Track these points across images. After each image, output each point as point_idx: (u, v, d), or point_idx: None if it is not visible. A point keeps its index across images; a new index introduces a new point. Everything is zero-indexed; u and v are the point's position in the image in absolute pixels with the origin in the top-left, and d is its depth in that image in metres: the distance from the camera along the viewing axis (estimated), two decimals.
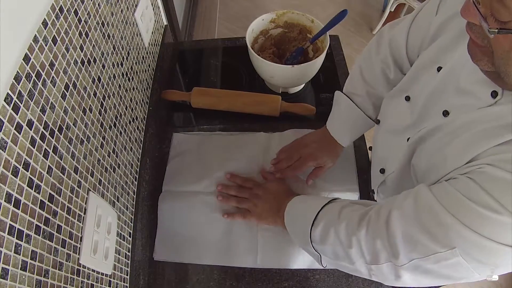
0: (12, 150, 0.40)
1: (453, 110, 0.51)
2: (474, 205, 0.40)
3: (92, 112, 0.60)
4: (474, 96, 0.48)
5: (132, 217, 0.76)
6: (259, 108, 0.96)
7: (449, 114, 0.51)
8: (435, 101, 0.56)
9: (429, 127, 0.54)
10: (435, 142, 0.53)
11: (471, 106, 0.48)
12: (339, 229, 0.56)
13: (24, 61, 0.43)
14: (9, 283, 0.38)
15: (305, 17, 0.99)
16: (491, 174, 0.41)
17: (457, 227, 0.41)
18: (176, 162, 0.90)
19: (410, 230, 0.46)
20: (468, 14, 0.39)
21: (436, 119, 0.53)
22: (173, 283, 0.77)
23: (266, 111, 0.96)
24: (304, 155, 0.81)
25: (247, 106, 0.96)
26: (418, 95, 0.60)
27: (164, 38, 1.08)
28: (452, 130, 0.50)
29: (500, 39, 0.37)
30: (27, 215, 0.42)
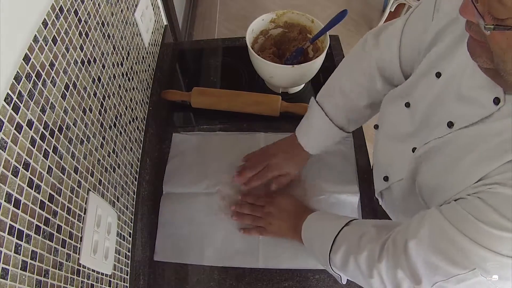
0: (12, 150, 0.40)
1: (457, 120, 0.50)
2: (488, 227, 0.41)
3: (92, 112, 0.60)
4: (476, 103, 0.47)
5: (132, 217, 0.76)
6: (259, 108, 0.96)
7: (454, 125, 0.51)
8: (437, 109, 0.55)
9: (435, 141, 0.53)
10: (442, 159, 0.52)
11: (474, 115, 0.47)
12: (359, 259, 0.57)
13: (24, 61, 0.43)
14: (9, 283, 0.38)
15: (305, 17, 0.99)
16: (503, 194, 0.41)
17: (474, 249, 0.42)
18: (176, 162, 0.90)
19: (429, 258, 0.47)
20: (466, 12, 0.39)
21: (441, 130, 0.53)
22: (173, 283, 0.77)
23: (266, 111, 0.96)
24: (270, 165, 0.81)
25: (247, 106, 0.96)
26: (419, 101, 0.60)
27: (164, 38, 1.08)
28: (459, 147, 0.49)
29: (496, 36, 0.37)
30: (27, 215, 0.42)
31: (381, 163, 0.72)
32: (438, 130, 0.53)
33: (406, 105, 0.63)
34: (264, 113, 0.96)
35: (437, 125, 0.54)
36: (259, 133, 0.94)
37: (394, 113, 0.67)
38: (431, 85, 0.56)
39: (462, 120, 0.50)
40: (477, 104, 0.47)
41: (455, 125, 0.50)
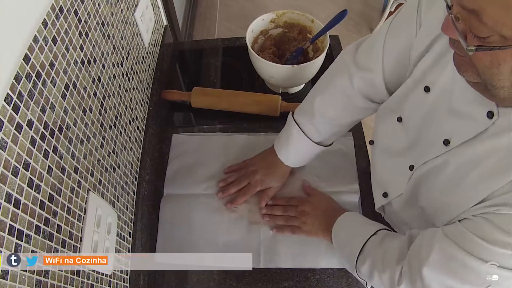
0: (12, 150, 0.40)
1: (452, 137, 0.50)
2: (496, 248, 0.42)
3: (92, 112, 0.60)
4: (469, 118, 0.47)
5: (132, 217, 0.76)
6: (259, 108, 0.96)
7: (450, 143, 0.50)
8: (430, 124, 0.55)
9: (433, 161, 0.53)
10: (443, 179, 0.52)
11: (469, 130, 0.47)
12: (382, 277, 0.58)
13: (24, 61, 0.43)
14: (9, 283, 0.38)
15: (305, 17, 0.99)
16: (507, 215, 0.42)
17: (485, 268, 0.43)
18: (176, 164, 0.90)
19: (444, 281, 0.48)
20: (448, 30, 0.39)
21: (437, 149, 0.52)
22: (173, 283, 0.77)
23: (266, 111, 0.96)
24: (253, 182, 0.82)
25: (247, 106, 0.96)
26: (410, 116, 0.59)
27: (164, 38, 1.08)
28: (459, 165, 0.49)
29: (479, 55, 0.37)
30: (27, 215, 0.42)
31: (378, 179, 0.72)
32: (435, 149, 0.53)
33: (398, 119, 0.62)
34: (264, 113, 0.96)
35: (432, 142, 0.54)
36: (259, 133, 0.94)
37: (387, 129, 0.67)
38: (421, 99, 0.56)
39: (457, 136, 0.49)
40: (471, 119, 0.47)
41: (451, 143, 0.50)
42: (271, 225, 0.80)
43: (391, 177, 0.67)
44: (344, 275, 0.76)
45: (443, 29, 0.40)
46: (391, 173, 0.67)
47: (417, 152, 0.58)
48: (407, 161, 0.60)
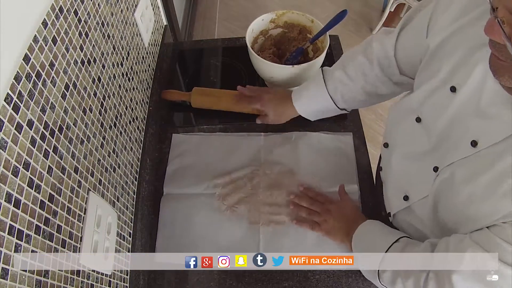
0: (12, 150, 0.40)
1: (480, 138, 0.49)
2: None
3: (92, 112, 0.60)
4: (499, 120, 0.47)
5: (132, 217, 0.76)
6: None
7: (478, 144, 0.50)
8: (456, 125, 0.54)
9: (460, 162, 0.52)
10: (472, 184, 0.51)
11: (498, 133, 0.47)
12: (406, 283, 0.58)
13: (24, 61, 0.43)
14: (9, 283, 0.38)
15: (305, 17, 0.99)
16: None
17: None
18: (176, 163, 0.90)
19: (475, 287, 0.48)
20: (492, 32, 0.39)
21: (464, 150, 0.51)
22: (173, 283, 0.77)
23: None
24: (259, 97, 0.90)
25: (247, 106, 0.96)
26: (432, 117, 0.58)
27: (164, 38, 1.08)
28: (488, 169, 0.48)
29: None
30: (27, 215, 0.42)
31: (398, 182, 0.70)
32: (461, 150, 0.52)
33: (416, 120, 0.62)
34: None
35: (458, 143, 0.53)
36: (259, 133, 0.94)
37: (405, 130, 0.66)
38: (446, 100, 0.55)
39: (485, 138, 0.49)
40: (500, 121, 0.47)
41: (479, 144, 0.49)
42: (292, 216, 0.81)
43: (413, 180, 0.65)
44: (344, 275, 0.76)
45: (486, 31, 0.40)
46: (413, 175, 0.65)
47: (441, 153, 0.57)
48: (430, 163, 0.59)
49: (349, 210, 0.79)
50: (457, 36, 0.53)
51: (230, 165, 0.88)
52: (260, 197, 0.84)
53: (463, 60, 0.52)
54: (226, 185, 0.86)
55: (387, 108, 0.80)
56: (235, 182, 0.86)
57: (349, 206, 0.80)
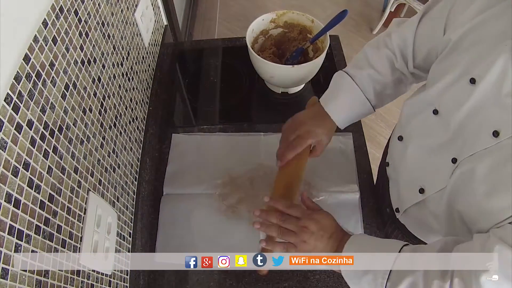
0: (12, 150, 0.40)
1: (502, 129, 0.49)
2: None
3: (92, 112, 0.60)
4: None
5: (132, 217, 0.76)
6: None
7: (499, 135, 0.49)
8: (475, 116, 0.54)
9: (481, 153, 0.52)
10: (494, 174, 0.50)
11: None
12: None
13: (24, 61, 0.43)
14: (9, 283, 0.38)
15: (305, 17, 0.99)
16: None
17: None
18: (176, 164, 0.90)
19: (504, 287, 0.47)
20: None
21: (485, 141, 0.51)
22: (173, 283, 0.77)
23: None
24: (301, 133, 0.74)
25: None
26: (451, 109, 0.58)
27: (164, 38, 1.08)
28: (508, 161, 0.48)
29: None
30: (27, 215, 0.42)
31: (413, 175, 0.68)
32: (482, 140, 0.51)
33: (434, 112, 0.61)
34: None
35: (478, 133, 0.52)
36: (258, 134, 0.94)
37: (421, 123, 0.66)
38: (466, 92, 0.54)
39: (507, 128, 0.48)
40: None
41: (501, 134, 0.49)
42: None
43: (430, 172, 0.64)
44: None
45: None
46: (429, 167, 0.64)
47: (460, 144, 0.56)
48: (448, 154, 0.58)
49: (330, 225, 0.65)
50: (480, 29, 0.53)
51: (230, 165, 0.88)
52: (260, 197, 0.84)
53: (485, 53, 0.52)
54: (226, 185, 0.86)
55: (387, 108, 0.80)
56: (235, 182, 0.86)
57: (330, 219, 0.66)
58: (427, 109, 0.63)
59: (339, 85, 0.77)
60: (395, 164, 0.75)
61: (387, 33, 0.75)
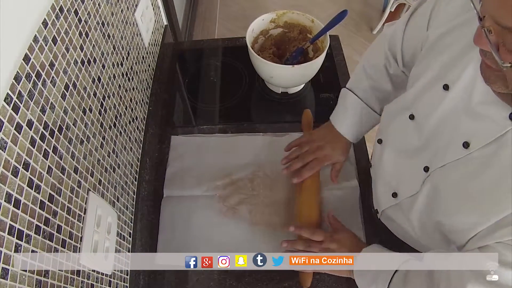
0: (12, 150, 0.40)
1: (472, 139, 0.49)
2: None
3: (92, 112, 0.60)
4: (489, 120, 0.46)
5: (132, 217, 0.76)
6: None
7: (469, 146, 0.49)
8: (447, 124, 0.54)
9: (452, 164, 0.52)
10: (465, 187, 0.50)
11: (489, 133, 0.46)
12: None
13: (24, 61, 0.43)
14: (9, 283, 0.38)
15: (305, 17, 0.99)
16: None
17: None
18: (176, 166, 0.90)
19: None
20: (480, 42, 0.39)
21: (456, 152, 0.51)
22: (173, 283, 0.77)
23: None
24: (321, 156, 0.82)
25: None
26: (424, 114, 0.58)
27: (164, 38, 1.08)
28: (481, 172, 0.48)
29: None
30: (27, 215, 0.42)
31: (387, 179, 0.70)
32: (453, 151, 0.51)
33: (410, 117, 0.61)
34: None
35: (449, 143, 0.52)
36: (259, 133, 0.94)
37: (398, 127, 0.66)
38: (438, 98, 0.54)
39: (477, 139, 0.48)
40: (490, 121, 0.46)
41: (471, 145, 0.49)
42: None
43: (403, 177, 0.65)
44: None
45: (475, 41, 0.40)
46: (403, 172, 0.65)
47: (432, 152, 0.56)
48: (421, 161, 0.59)
49: (349, 242, 0.72)
50: (454, 33, 0.53)
51: (230, 166, 0.88)
52: (261, 198, 0.84)
53: (456, 58, 0.52)
54: (226, 186, 0.86)
55: None
56: (235, 183, 0.86)
57: (348, 237, 0.73)
58: (404, 113, 0.63)
59: (345, 103, 0.81)
60: (375, 166, 0.76)
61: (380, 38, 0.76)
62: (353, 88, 0.80)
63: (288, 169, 0.82)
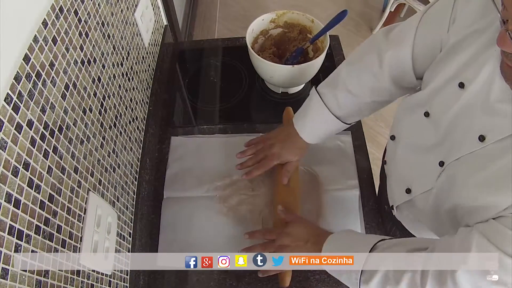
0: (12, 150, 0.40)
1: (488, 133, 0.50)
2: None
3: (92, 112, 0.60)
4: (507, 116, 0.48)
5: (132, 217, 0.76)
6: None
7: (485, 139, 0.50)
8: (463, 120, 0.54)
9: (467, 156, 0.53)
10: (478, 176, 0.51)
11: (506, 128, 0.47)
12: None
13: (24, 61, 0.43)
14: (9, 283, 0.38)
15: (305, 17, 0.99)
16: None
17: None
18: (176, 166, 0.90)
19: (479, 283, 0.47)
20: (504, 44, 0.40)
21: (471, 145, 0.52)
22: (173, 283, 0.77)
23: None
24: (269, 155, 0.80)
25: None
26: (440, 112, 0.58)
27: (164, 38, 1.08)
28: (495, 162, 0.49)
29: None
30: (27, 215, 0.42)
31: (402, 175, 0.69)
32: (469, 144, 0.52)
33: (425, 114, 0.61)
34: None
35: (465, 137, 0.53)
36: (258, 134, 0.94)
37: (413, 124, 0.66)
38: (454, 95, 0.55)
39: (493, 133, 0.49)
40: (508, 116, 0.47)
41: (487, 139, 0.50)
42: None
43: (417, 173, 0.65)
44: None
45: (498, 43, 0.41)
46: (417, 168, 0.65)
47: (447, 147, 0.57)
48: (436, 157, 0.59)
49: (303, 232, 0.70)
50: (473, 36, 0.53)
51: (230, 167, 0.88)
52: (261, 198, 0.84)
53: (473, 58, 0.53)
54: (226, 187, 0.86)
55: (387, 108, 0.79)
56: (235, 184, 0.86)
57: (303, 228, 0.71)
58: (419, 111, 0.63)
59: (308, 105, 0.78)
60: (389, 163, 0.76)
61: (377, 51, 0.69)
62: (324, 93, 0.75)
63: (241, 166, 0.83)
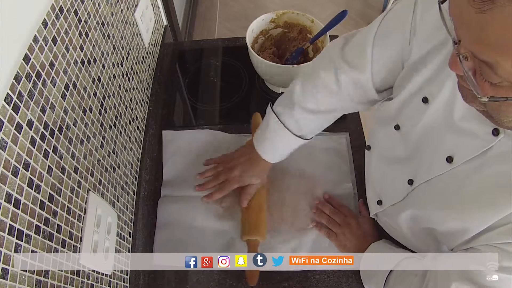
0: (12, 150, 0.40)
1: (456, 154, 0.49)
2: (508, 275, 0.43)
3: (92, 112, 0.60)
4: (473, 135, 0.46)
5: (132, 217, 0.76)
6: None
7: (453, 160, 0.49)
8: (430, 137, 0.53)
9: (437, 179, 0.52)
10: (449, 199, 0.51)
11: (473, 148, 0.46)
12: None
13: (24, 61, 0.43)
14: (9, 283, 0.38)
15: (305, 17, 0.99)
16: None
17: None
18: (172, 165, 0.90)
19: None
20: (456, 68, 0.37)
21: (440, 167, 0.51)
22: (173, 283, 0.77)
23: None
24: (230, 178, 0.79)
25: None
26: (409, 126, 0.57)
27: (164, 38, 1.08)
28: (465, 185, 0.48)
29: None
30: (27, 215, 0.42)
31: (374, 186, 0.71)
32: (438, 166, 0.51)
33: (395, 127, 0.61)
34: None
35: (434, 158, 0.52)
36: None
37: (385, 135, 0.65)
38: (419, 110, 0.53)
39: (461, 154, 0.48)
40: (474, 136, 0.46)
41: (455, 160, 0.49)
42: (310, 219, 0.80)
43: (387, 185, 0.65)
44: (344, 275, 0.76)
45: (450, 66, 0.37)
46: (388, 181, 0.65)
47: (417, 165, 0.56)
48: (405, 172, 0.58)
49: (368, 228, 0.77)
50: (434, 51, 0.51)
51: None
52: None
53: (435, 74, 0.51)
54: None
55: None
56: None
57: (369, 224, 0.77)
58: (390, 123, 0.62)
59: (267, 126, 0.74)
60: (366, 172, 0.76)
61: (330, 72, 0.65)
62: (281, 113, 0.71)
63: (200, 188, 0.82)
